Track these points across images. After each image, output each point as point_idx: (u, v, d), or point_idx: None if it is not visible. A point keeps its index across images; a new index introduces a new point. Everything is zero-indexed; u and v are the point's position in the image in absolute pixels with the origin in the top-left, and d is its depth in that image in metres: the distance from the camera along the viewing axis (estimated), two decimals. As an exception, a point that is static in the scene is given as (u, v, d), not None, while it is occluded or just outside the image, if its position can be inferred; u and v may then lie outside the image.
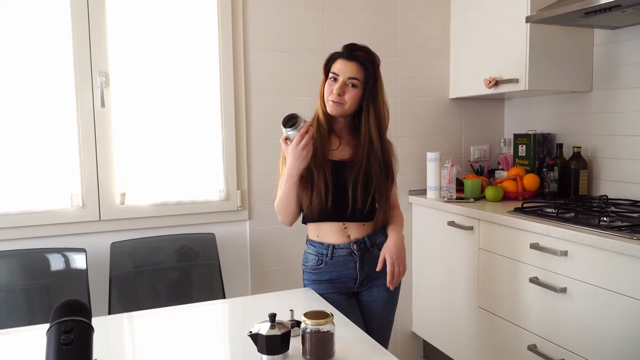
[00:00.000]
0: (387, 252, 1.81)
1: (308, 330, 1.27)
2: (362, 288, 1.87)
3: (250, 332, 1.29)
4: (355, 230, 1.82)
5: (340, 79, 1.75)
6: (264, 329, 1.27)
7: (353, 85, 1.76)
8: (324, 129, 1.82)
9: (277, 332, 1.27)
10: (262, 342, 1.27)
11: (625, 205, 2.28)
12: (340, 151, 1.83)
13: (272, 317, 1.29)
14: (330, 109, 1.78)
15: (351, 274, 1.83)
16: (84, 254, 2.29)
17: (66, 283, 2.29)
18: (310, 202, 1.78)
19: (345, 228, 1.82)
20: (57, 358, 0.89)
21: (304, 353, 1.28)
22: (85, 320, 0.95)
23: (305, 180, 1.77)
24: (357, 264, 1.82)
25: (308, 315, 1.29)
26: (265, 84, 2.66)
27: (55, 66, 2.31)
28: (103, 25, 2.35)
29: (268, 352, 1.27)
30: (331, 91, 1.77)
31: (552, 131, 2.87)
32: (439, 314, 2.84)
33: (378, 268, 1.81)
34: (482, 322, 2.49)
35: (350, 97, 1.76)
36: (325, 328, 1.27)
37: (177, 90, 2.50)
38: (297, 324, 1.37)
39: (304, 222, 1.88)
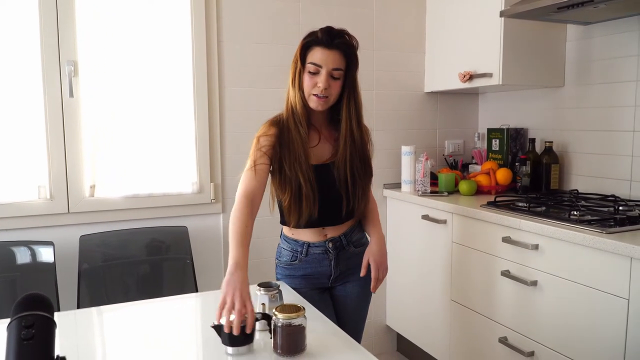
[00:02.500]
0: (371, 256, 1.78)
1: (279, 324, 1.25)
2: (336, 283, 1.85)
3: (214, 323, 1.27)
4: (331, 229, 1.78)
5: (324, 71, 1.61)
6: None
7: (337, 77, 1.64)
8: (303, 126, 1.67)
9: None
10: (225, 334, 1.26)
11: (595, 199, 2.31)
12: (320, 149, 1.74)
13: None
14: (314, 104, 1.65)
15: (325, 271, 1.80)
16: (52, 247, 2.24)
17: (33, 277, 2.23)
18: (300, 214, 1.68)
19: (322, 228, 1.78)
20: (17, 353, 0.86)
21: (275, 347, 1.27)
22: (46, 314, 0.92)
23: (293, 191, 1.66)
24: (332, 262, 1.79)
25: (279, 308, 1.27)
26: (239, 75, 2.63)
27: (22, 54, 2.24)
28: (72, 12, 2.28)
29: (231, 343, 1.26)
30: (314, 84, 1.63)
31: (525, 126, 2.89)
32: (412, 307, 2.85)
33: (362, 273, 1.78)
34: (455, 315, 2.51)
35: (335, 89, 1.65)
36: (296, 322, 1.25)
37: (148, 80, 2.45)
38: (264, 316, 1.35)
39: (282, 222, 1.82)
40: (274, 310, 1.27)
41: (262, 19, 2.66)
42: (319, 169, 1.70)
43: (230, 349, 1.26)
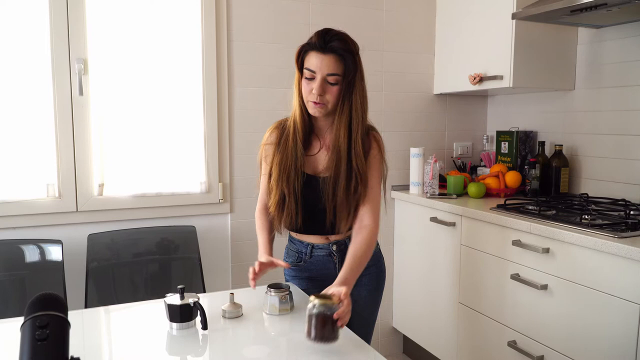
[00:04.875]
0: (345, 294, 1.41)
1: (315, 311, 1.28)
2: None
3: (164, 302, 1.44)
4: (335, 234, 1.76)
5: (319, 77, 1.56)
6: (174, 299, 1.43)
7: (334, 82, 1.57)
8: (299, 135, 1.65)
9: (178, 302, 1.41)
10: (169, 312, 1.42)
11: (606, 203, 2.30)
12: (318, 159, 1.70)
13: (181, 290, 1.45)
14: (312, 110, 1.61)
15: (331, 274, 1.76)
16: (60, 245, 2.24)
17: (41, 275, 2.23)
18: (280, 222, 1.71)
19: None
20: (31, 354, 0.85)
21: (308, 333, 1.30)
22: (61, 315, 0.91)
23: (278, 199, 1.66)
24: (337, 265, 1.77)
25: (317, 296, 1.31)
26: (249, 75, 2.62)
27: (32, 52, 2.24)
28: (82, 9, 2.28)
29: (171, 319, 1.43)
30: (310, 90, 1.57)
31: (534, 129, 2.88)
32: (419, 310, 2.84)
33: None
34: (463, 317, 2.50)
35: (333, 95, 1.58)
36: (332, 310, 1.29)
37: (158, 79, 2.45)
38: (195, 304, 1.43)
39: None
40: (310, 297, 1.32)
41: (273, 18, 2.65)
42: (310, 180, 1.68)
43: (172, 324, 1.43)
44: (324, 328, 1.27)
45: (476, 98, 3.17)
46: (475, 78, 2.66)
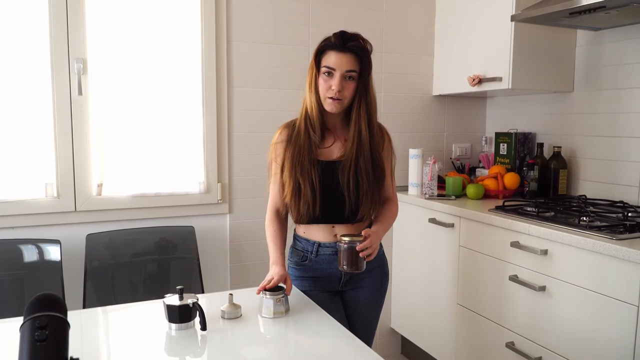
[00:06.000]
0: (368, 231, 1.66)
1: (345, 247, 1.59)
2: (347, 287, 1.84)
3: (163, 302, 1.45)
4: (342, 230, 1.77)
5: (338, 74, 1.65)
6: (173, 300, 1.44)
7: (350, 78, 1.67)
8: (315, 129, 1.73)
9: (177, 302, 1.42)
10: (168, 313, 1.43)
11: (604, 205, 2.30)
12: (333, 149, 1.77)
13: (180, 290, 1.45)
14: (329, 107, 1.69)
15: (336, 273, 1.79)
16: (59, 245, 2.24)
17: (40, 275, 2.23)
18: (298, 211, 1.73)
19: (332, 227, 1.78)
20: (31, 355, 0.85)
21: (340, 263, 1.62)
22: (60, 315, 0.91)
23: (293, 187, 1.71)
24: None
25: (344, 235, 1.61)
26: (248, 76, 2.62)
27: (31, 51, 2.23)
28: (81, 9, 2.28)
29: (170, 320, 1.44)
30: (329, 87, 1.67)
31: (533, 130, 2.88)
32: (417, 311, 2.84)
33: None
34: (461, 319, 2.50)
35: (350, 91, 1.68)
36: (358, 245, 1.58)
37: (157, 79, 2.45)
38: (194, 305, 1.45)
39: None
40: (340, 235, 1.62)
41: (272, 19, 2.65)
42: (326, 166, 1.73)
43: (171, 325, 1.43)
44: (351, 259, 1.59)
45: (475, 99, 3.17)
46: (474, 79, 2.66)
